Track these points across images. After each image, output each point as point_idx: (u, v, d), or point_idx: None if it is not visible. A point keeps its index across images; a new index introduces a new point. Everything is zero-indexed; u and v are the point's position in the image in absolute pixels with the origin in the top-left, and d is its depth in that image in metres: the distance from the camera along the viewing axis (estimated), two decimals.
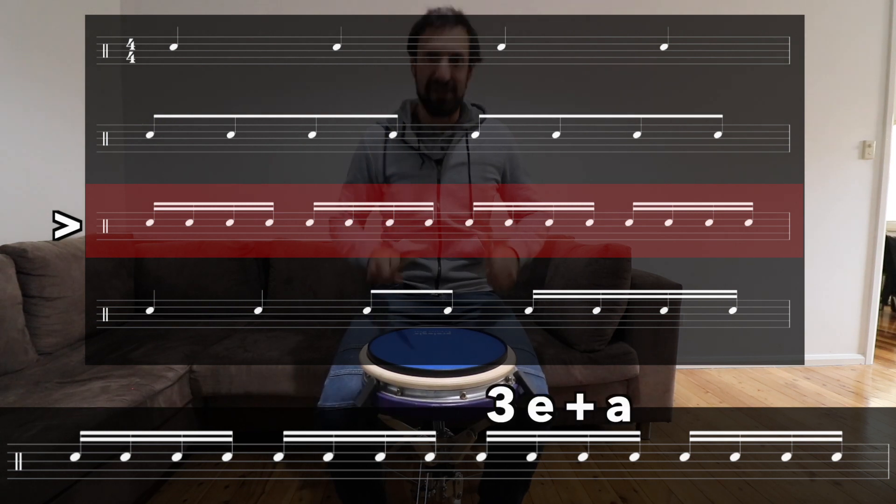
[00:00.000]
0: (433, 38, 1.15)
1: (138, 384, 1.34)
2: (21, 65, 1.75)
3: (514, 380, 0.83)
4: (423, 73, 1.19)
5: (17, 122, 1.74)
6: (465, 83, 1.23)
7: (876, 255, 2.65)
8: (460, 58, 1.17)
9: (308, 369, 1.58)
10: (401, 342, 0.93)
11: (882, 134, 2.59)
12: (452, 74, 1.17)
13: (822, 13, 2.50)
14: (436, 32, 1.15)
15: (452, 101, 1.21)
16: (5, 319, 1.42)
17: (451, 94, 1.19)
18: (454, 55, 1.16)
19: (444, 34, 1.15)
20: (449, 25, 1.15)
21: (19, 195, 1.76)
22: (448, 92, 1.18)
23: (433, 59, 1.16)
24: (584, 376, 1.65)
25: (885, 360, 2.79)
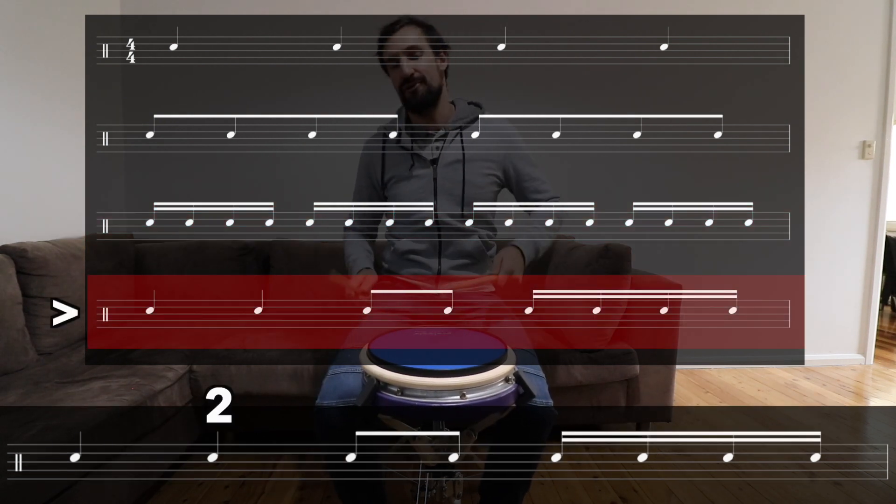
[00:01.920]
0: (387, 43, 1.25)
1: (138, 384, 1.34)
2: (20, 65, 1.75)
3: (515, 380, 0.83)
4: (394, 78, 1.27)
5: (16, 122, 1.74)
6: (438, 72, 1.28)
7: (876, 255, 2.65)
8: (417, 50, 1.24)
9: (308, 369, 1.58)
10: (401, 342, 0.93)
11: (882, 134, 2.59)
12: (415, 67, 1.23)
13: (822, 13, 2.50)
14: (389, 39, 1.24)
15: (426, 92, 1.25)
16: (5, 319, 1.42)
17: (421, 86, 1.24)
18: (410, 49, 1.23)
19: (395, 37, 1.24)
20: (399, 27, 1.24)
21: (19, 195, 1.76)
22: (416, 83, 1.24)
23: (394, 63, 1.24)
24: (584, 376, 1.65)
25: (885, 360, 2.79)
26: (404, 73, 1.23)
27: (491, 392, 0.79)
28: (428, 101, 1.26)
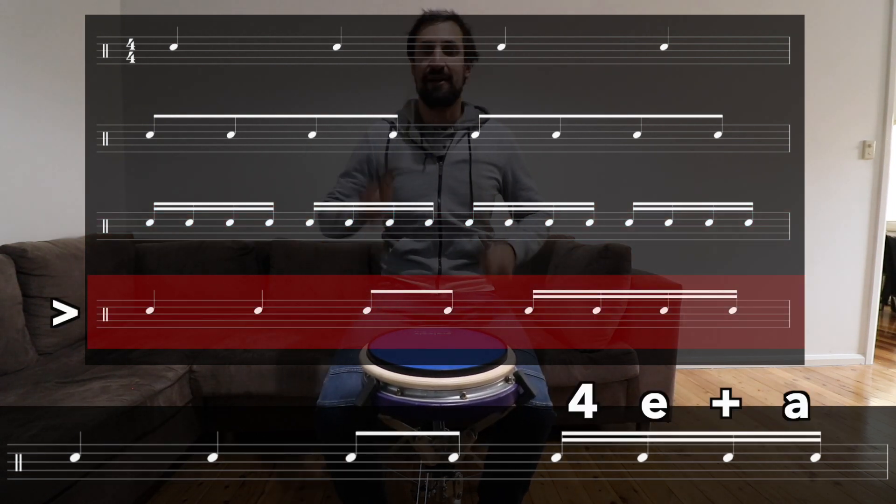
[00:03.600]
0: (427, 31, 1.23)
1: (138, 384, 1.34)
2: (21, 65, 1.75)
3: (514, 380, 0.83)
4: (420, 65, 1.25)
5: (16, 123, 1.74)
6: (462, 77, 1.28)
7: (876, 255, 2.65)
8: (454, 46, 1.23)
9: (308, 369, 1.58)
10: (401, 342, 0.93)
11: (882, 134, 2.59)
12: (447, 63, 1.22)
13: (823, 13, 2.50)
14: (429, 26, 1.23)
15: (449, 91, 1.24)
16: (5, 319, 1.42)
17: (446, 84, 1.23)
18: (447, 43, 1.22)
19: (436, 26, 1.22)
20: (441, 20, 1.23)
21: (19, 195, 1.76)
22: (443, 80, 1.23)
23: (428, 50, 1.23)
24: (584, 376, 1.65)
25: (885, 360, 2.79)
26: (436, 65, 1.21)
27: (491, 392, 0.79)
28: (448, 100, 1.26)
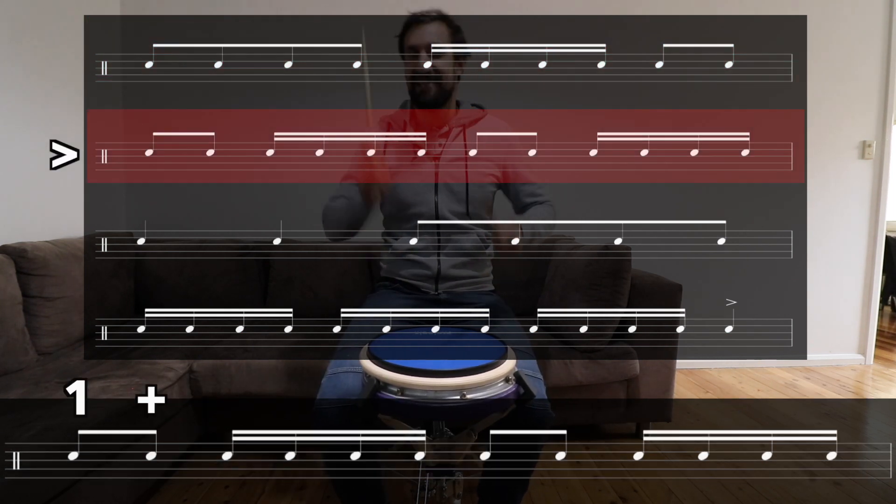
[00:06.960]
0: (412, 34, 1.23)
1: (138, 384, 1.34)
2: (21, 66, 1.75)
3: (515, 380, 0.83)
4: (408, 68, 1.25)
5: (16, 123, 1.74)
6: (454, 76, 1.27)
7: (876, 255, 2.65)
8: (440, 48, 1.22)
9: (308, 369, 1.58)
10: (401, 342, 0.93)
11: (882, 134, 2.59)
12: (434, 64, 1.22)
13: (823, 14, 2.50)
14: (415, 30, 1.23)
15: (437, 93, 1.24)
16: (5, 319, 1.42)
17: (434, 86, 1.23)
18: (433, 46, 1.21)
19: (423, 29, 1.22)
20: (427, 21, 1.22)
21: (19, 195, 1.76)
22: (430, 82, 1.23)
23: (413, 52, 1.23)
24: (584, 376, 1.65)
25: (885, 360, 2.79)
26: (420, 68, 1.21)
27: (491, 392, 0.79)
28: (437, 102, 1.26)
